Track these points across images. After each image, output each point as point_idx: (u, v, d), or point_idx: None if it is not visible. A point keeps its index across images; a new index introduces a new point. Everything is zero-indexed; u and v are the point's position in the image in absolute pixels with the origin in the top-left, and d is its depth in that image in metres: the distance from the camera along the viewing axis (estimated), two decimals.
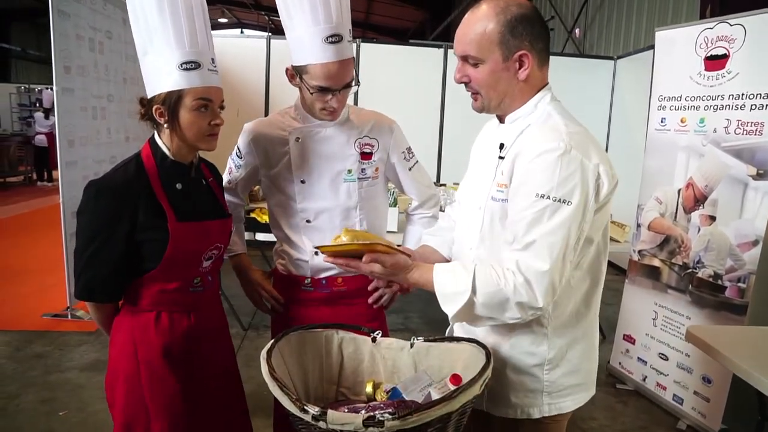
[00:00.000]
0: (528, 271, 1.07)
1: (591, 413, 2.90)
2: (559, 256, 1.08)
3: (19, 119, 13.78)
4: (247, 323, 4.00)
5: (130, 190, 1.34)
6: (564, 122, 1.16)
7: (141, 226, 1.34)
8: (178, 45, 1.32)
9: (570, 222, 1.08)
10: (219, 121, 1.39)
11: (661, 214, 3.05)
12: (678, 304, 2.91)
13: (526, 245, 1.09)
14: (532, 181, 1.10)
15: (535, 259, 1.08)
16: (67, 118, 3.84)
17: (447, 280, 1.14)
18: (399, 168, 1.72)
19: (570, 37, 8.84)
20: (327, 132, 1.62)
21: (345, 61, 1.48)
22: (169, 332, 1.42)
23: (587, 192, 1.09)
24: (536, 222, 1.08)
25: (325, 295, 1.68)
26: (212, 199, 1.53)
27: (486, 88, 1.19)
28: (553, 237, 1.08)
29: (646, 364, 3.09)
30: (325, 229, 1.65)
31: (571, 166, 1.08)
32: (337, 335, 1.32)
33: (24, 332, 3.72)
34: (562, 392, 1.25)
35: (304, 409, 0.97)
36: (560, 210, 1.07)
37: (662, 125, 3.06)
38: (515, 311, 1.09)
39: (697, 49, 2.79)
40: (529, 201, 1.09)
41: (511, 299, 1.08)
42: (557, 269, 1.08)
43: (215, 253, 1.48)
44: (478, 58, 1.16)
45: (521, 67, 1.16)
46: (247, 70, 5.45)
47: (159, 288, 1.40)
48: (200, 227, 1.41)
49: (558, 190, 1.07)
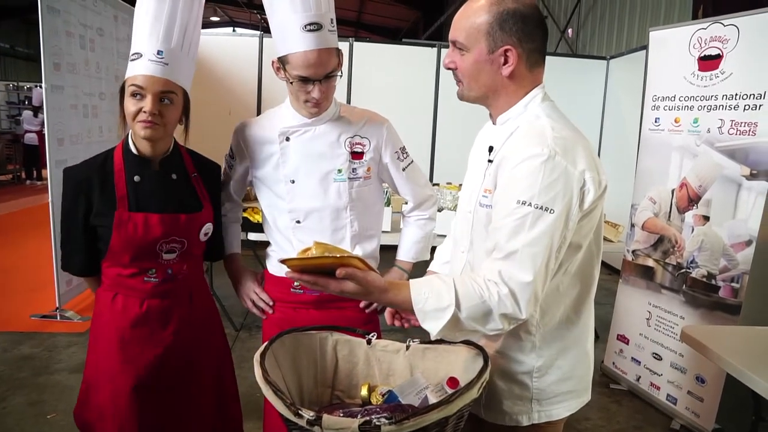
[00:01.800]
0: (511, 282, 1.04)
1: (585, 414, 2.89)
2: (542, 266, 1.05)
3: (7, 117, 13.63)
4: (240, 324, 3.97)
5: (90, 177, 1.48)
6: (551, 125, 1.12)
7: (96, 212, 1.48)
8: (134, 38, 1.46)
9: (552, 230, 1.05)
10: (148, 108, 1.42)
11: (654, 213, 3.05)
12: (672, 304, 2.91)
13: (508, 254, 1.06)
14: (515, 187, 1.07)
15: (519, 269, 1.05)
16: (57, 116, 3.79)
17: (426, 297, 1.08)
18: (392, 168, 1.69)
19: (563, 37, 8.86)
20: (316, 130, 1.59)
21: (325, 50, 1.45)
22: (121, 314, 1.54)
23: (570, 199, 1.06)
24: (518, 230, 1.05)
25: (315, 299, 1.65)
26: (180, 193, 1.56)
27: (468, 77, 1.18)
28: (535, 247, 1.05)
29: (640, 364, 3.09)
30: (315, 230, 1.62)
31: (555, 172, 1.05)
32: (332, 337, 1.30)
33: (12, 333, 3.67)
34: (553, 399, 1.22)
35: (298, 414, 0.94)
36: (542, 218, 1.04)
37: (656, 125, 3.06)
38: (498, 322, 1.06)
39: (691, 49, 2.79)
40: (510, 208, 1.07)
41: (495, 311, 1.05)
42: (540, 279, 1.05)
43: (177, 247, 1.52)
44: (465, 45, 1.16)
45: (505, 62, 1.14)
46: (239, 68, 5.41)
47: (117, 272, 1.53)
48: (152, 219, 1.48)
49: (540, 197, 1.04)
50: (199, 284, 1.68)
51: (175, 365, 1.58)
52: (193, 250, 1.58)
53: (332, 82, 1.52)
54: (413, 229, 1.79)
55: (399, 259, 1.78)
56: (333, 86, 1.53)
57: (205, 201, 1.60)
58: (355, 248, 1.65)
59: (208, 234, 1.61)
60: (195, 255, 1.61)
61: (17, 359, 3.31)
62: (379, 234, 1.75)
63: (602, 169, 1.13)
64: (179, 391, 1.59)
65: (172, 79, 1.46)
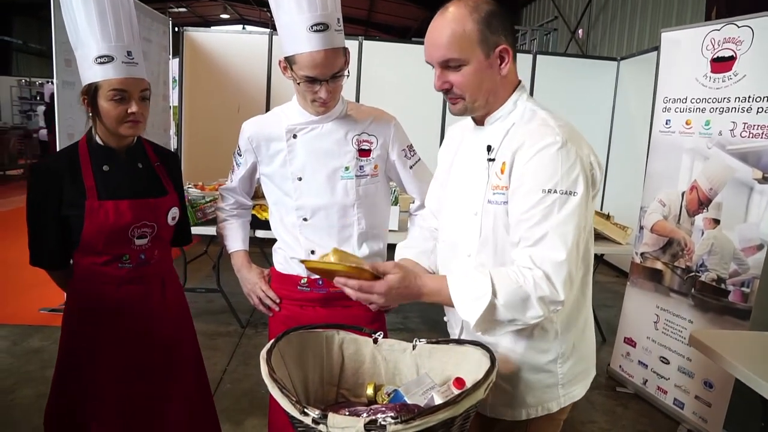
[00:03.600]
0: (544, 264, 1.06)
1: (590, 416, 2.88)
2: (574, 244, 1.07)
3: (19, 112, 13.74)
4: (246, 321, 3.98)
5: (57, 171, 1.52)
6: (551, 116, 1.17)
7: (66, 203, 1.52)
8: (94, 39, 1.45)
9: (579, 211, 1.08)
10: (134, 110, 1.49)
11: (664, 216, 3.03)
12: (680, 307, 2.88)
13: (538, 240, 1.08)
14: (535, 178, 1.09)
15: (551, 250, 1.06)
16: (68, 111, 3.81)
17: (464, 285, 1.10)
18: (399, 166, 1.69)
19: (573, 38, 8.81)
20: (323, 128, 1.59)
21: (332, 50, 1.44)
22: (96, 302, 1.59)
23: (588, 180, 1.10)
24: (547, 217, 1.07)
25: (322, 296, 1.66)
26: (147, 181, 1.63)
27: (471, 90, 1.17)
28: (564, 227, 1.07)
29: (647, 368, 3.07)
30: (322, 228, 1.62)
31: (570, 157, 1.09)
32: (338, 336, 1.29)
33: (22, 326, 3.70)
34: (574, 381, 1.27)
35: (304, 412, 0.94)
36: (569, 201, 1.07)
37: (667, 127, 3.04)
38: (537, 308, 1.06)
39: (704, 50, 2.76)
40: (535, 198, 1.08)
41: (533, 295, 1.05)
42: (573, 258, 1.07)
43: (148, 232, 1.59)
44: (462, 60, 1.14)
45: (502, 62, 1.16)
46: (248, 66, 5.42)
47: (90, 260, 1.58)
48: (122, 205, 1.54)
49: (563, 182, 1.08)
50: (170, 271, 1.76)
51: (151, 353, 1.65)
52: (163, 234, 1.66)
53: (339, 82, 1.52)
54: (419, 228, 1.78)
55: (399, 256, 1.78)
56: (340, 86, 1.53)
57: (169, 187, 1.68)
58: (362, 246, 1.65)
59: (176, 218, 1.68)
60: (164, 240, 1.69)
61: (26, 352, 3.33)
62: (386, 233, 1.75)
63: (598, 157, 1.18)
64: (156, 380, 1.66)
65: (145, 77, 1.54)
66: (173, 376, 1.71)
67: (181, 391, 1.72)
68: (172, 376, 1.70)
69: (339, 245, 1.63)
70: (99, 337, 1.60)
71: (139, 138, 1.66)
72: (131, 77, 1.48)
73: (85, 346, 1.61)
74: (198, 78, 5.40)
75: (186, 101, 5.42)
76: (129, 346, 1.62)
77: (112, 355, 1.60)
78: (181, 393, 1.72)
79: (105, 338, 1.60)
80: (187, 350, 1.79)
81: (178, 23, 5.77)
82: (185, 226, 1.81)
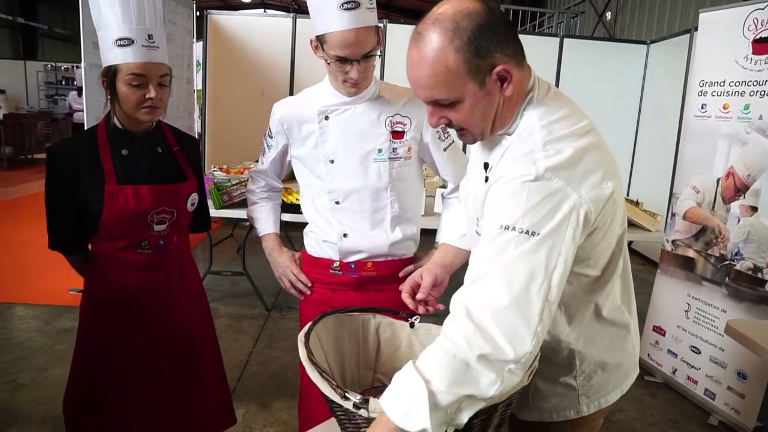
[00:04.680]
0: (478, 311, 0.87)
1: (619, 405, 2.80)
2: (524, 288, 0.87)
3: (45, 97, 13.94)
4: (271, 304, 4.01)
5: (75, 155, 1.50)
6: (543, 141, 0.96)
7: (84, 188, 1.49)
8: (115, 21, 1.42)
9: (534, 254, 0.89)
10: (152, 95, 1.45)
11: (697, 203, 2.95)
12: (713, 296, 2.82)
13: (476, 279, 0.91)
14: (496, 211, 0.95)
15: (488, 293, 0.88)
16: (96, 94, 3.83)
17: (393, 399, 0.88)
18: (433, 148, 1.65)
19: (600, 21, 8.61)
20: (356, 109, 1.56)
21: (364, 29, 1.40)
22: (117, 288, 1.57)
23: (562, 219, 0.91)
24: (495, 256, 0.91)
25: (354, 280, 1.64)
26: (166, 165, 1.60)
27: (472, 123, 1.01)
28: (512, 268, 0.89)
29: (677, 357, 3.02)
30: (355, 211, 1.60)
31: (542, 192, 0.91)
32: (374, 319, 1.28)
33: (52, 306, 3.77)
34: (603, 390, 1.18)
35: (345, 396, 0.93)
36: (526, 243, 0.89)
37: (702, 111, 2.95)
38: (486, 372, 0.86)
39: (745, 31, 2.66)
40: (491, 234, 0.93)
41: (471, 359, 0.85)
42: (522, 305, 0.87)
43: (167, 218, 1.57)
44: (452, 99, 0.98)
45: (503, 82, 0.97)
46: (272, 49, 5.39)
47: (109, 245, 1.56)
48: (142, 190, 1.51)
49: (524, 220, 0.90)
50: (188, 257, 1.75)
51: (168, 339, 1.64)
52: (182, 221, 1.64)
53: (371, 62, 1.48)
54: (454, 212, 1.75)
55: (439, 241, 1.76)
56: (372, 65, 1.50)
57: (189, 172, 1.66)
58: (395, 230, 1.63)
59: (195, 204, 1.67)
60: (183, 226, 1.67)
61: (57, 332, 3.40)
62: (420, 216, 1.73)
63: (610, 170, 0.98)
64: (172, 366, 1.66)
65: (166, 62, 1.50)
66: (190, 363, 1.70)
67: (197, 377, 1.72)
68: (188, 363, 1.70)
69: (371, 229, 1.61)
70: (117, 323, 1.59)
71: (159, 122, 1.63)
72: (151, 62, 1.44)
73: (104, 332, 1.60)
74: (222, 61, 5.39)
75: (210, 84, 5.42)
76: (146, 331, 1.61)
77: (130, 341, 1.60)
78: (197, 379, 1.72)
79: (123, 324, 1.59)
80: (204, 336, 1.78)
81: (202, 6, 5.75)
82: (204, 211, 1.80)
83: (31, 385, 2.78)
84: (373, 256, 1.62)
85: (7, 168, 9.79)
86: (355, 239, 1.61)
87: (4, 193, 7.79)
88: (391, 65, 5.24)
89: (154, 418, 1.64)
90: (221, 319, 3.71)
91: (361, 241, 1.61)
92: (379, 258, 1.63)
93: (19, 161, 10.53)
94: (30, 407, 2.58)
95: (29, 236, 5.46)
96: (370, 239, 1.61)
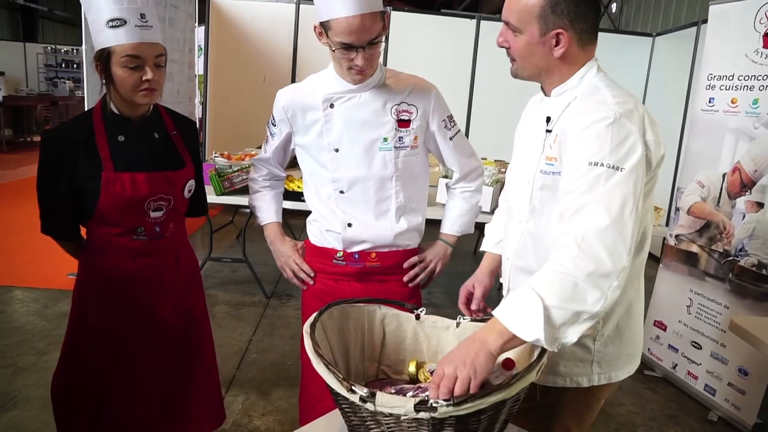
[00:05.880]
0: (583, 235, 1.00)
1: (618, 399, 2.84)
2: (619, 212, 1.01)
3: (45, 80, 13.82)
4: (270, 291, 4.00)
5: (70, 140, 1.46)
6: (612, 93, 1.14)
7: (80, 174, 1.46)
8: (105, 1, 1.36)
9: (626, 186, 1.04)
10: (149, 77, 1.40)
11: (702, 198, 2.93)
12: (716, 292, 2.81)
13: (578, 209, 1.04)
14: (584, 150, 1.08)
15: (591, 218, 1.02)
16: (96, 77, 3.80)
17: (511, 310, 1.00)
18: (439, 137, 1.62)
19: (605, 12, 8.53)
20: (361, 97, 1.53)
21: (369, 14, 1.36)
22: (111, 273, 1.55)
23: (639, 159, 1.06)
24: (590, 189, 1.04)
25: (357, 270, 1.62)
26: (163, 152, 1.57)
27: (520, 58, 1.20)
28: (608, 197, 1.03)
29: (677, 352, 3.01)
30: (359, 201, 1.58)
31: (621, 132, 1.06)
32: (380, 311, 1.26)
33: (51, 290, 3.76)
34: (614, 363, 1.25)
35: (351, 390, 0.92)
36: (615, 176, 1.04)
37: (710, 105, 2.92)
38: (591, 290, 0.98)
39: (756, 24, 2.63)
40: (581, 171, 1.07)
41: (579, 277, 0.98)
42: (620, 224, 1.01)
43: (164, 204, 1.54)
44: (517, 28, 1.17)
45: (557, 44, 1.15)
46: (275, 35, 5.34)
47: (104, 231, 1.53)
48: (139, 177, 1.48)
49: (610, 156, 1.05)
50: (185, 244, 1.72)
51: (161, 326, 1.62)
52: (179, 207, 1.61)
53: (377, 48, 1.44)
54: (459, 202, 1.74)
55: (443, 232, 1.74)
56: (378, 52, 1.46)
57: (187, 158, 1.62)
58: (400, 220, 1.61)
59: (192, 190, 1.64)
60: (180, 212, 1.64)
61: (57, 316, 3.39)
62: (425, 207, 1.70)
63: (662, 137, 1.13)
64: (164, 353, 1.64)
65: (160, 41, 1.45)
66: (182, 350, 1.69)
67: (188, 365, 1.71)
68: (181, 350, 1.68)
69: (376, 219, 1.59)
70: (109, 308, 1.57)
71: (156, 105, 1.59)
72: (145, 42, 1.39)
73: (96, 316, 1.58)
74: (224, 46, 5.34)
75: (211, 70, 5.37)
76: (140, 317, 1.59)
77: (123, 327, 1.58)
78: (189, 367, 1.71)
79: (117, 308, 1.57)
80: (198, 324, 1.76)
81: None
82: (201, 197, 1.77)
83: (31, 368, 2.77)
84: (377, 247, 1.60)
85: (7, 151, 9.73)
86: (359, 229, 1.59)
87: (3, 176, 7.75)
88: (394, 54, 5.20)
89: (143, 402, 1.62)
90: (221, 306, 3.70)
91: (365, 231, 1.59)
92: (383, 248, 1.61)
93: (18, 144, 10.46)
94: (30, 390, 2.57)
95: (28, 220, 5.42)
96: (374, 229, 1.59)
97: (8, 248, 4.63)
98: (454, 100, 5.40)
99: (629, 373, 1.29)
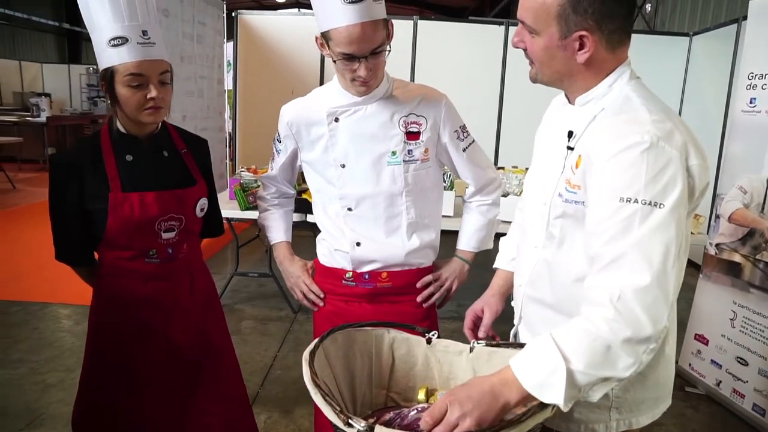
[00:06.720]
0: (620, 294, 0.87)
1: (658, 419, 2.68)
2: (662, 265, 0.88)
3: (87, 99, 14.33)
4: (297, 306, 3.97)
5: (77, 163, 1.44)
6: (647, 109, 0.98)
7: (89, 196, 1.44)
8: (106, 20, 1.34)
9: (667, 227, 0.89)
10: (154, 95, 1.38)
11: (744, 204, 2.76)
12: (762, 305, 2.63)
13: (613, 260, 0.90)
14: (614, 183, 0.93)
15: (630, 273, 0.88)
16: None
17: (530, 366, 0.91)
18: (451, 149, 1.55)
19: (640, 13, 8.29)
20: (367, 110, 1.47)
21: (370, 23, 1.30)
22: (123, 299, 1.52)
23: (683, 190, 0.91)
24: (624, 232, 0.90)
25: (368, 291, 1.56)
26: (173, 170, 1.54)
27: (539, 62, 1.06)
28: (648, 243, 0.88)
29: (721, 368, 2.84)
30: (368, 218, 1.52)
31: (660, 160, 0.91)
32: (389, 334, 1.20)
33: (83, 306, 3.80)
34: (636, 409, 1.12)
35: (349, 423, 0.86)
36: (653, 214, 0.89)
37: (751, 106, 2.76)
38: (626, 356, 0.87)
39: None
40: (611, 208, 0.92)
41: (614, 343, 0.87)
42: (662, 282, 0.87)
43: (175, 225, 1.50)
44: (533, 29, 1.03)
45: (581, 48, 1.00)
46: (302, 48, 5.36)
47: (116, 255, 1.50)
48: (148, 197, 1.45)
49: (647, 191, 0.90)
50: (200, 265, 1.68)
51: (179, 349, 1.58)
52: (191, 227, 1.58)
53: (380, 58, 1.38)
54: (475, 216, 1.66)
55: (460, 248, 1.67)
56: (382, 62, 1.40)
57: (198, 176, 1.59)
58: (412, 238, 1.54)
59: (204, 209, 1.60)
60: (193, 233, 1.61)
61: None
62: (439, 223, 1.63)
63: (707, 161, 0.98)
64: (184, 376, 1.60)
65: (165, 58, 1.42)
66: (203, 373, 1.64)
67: (211, 387, 1.66)
68: (201, 373, 1.64)
69: (386, 237, 1.53)
70: (125, 332, 1.54)
71: (165, 123, 1.57)
72: (148, 59, 1.37)
73: (112, 342, 1.55)
74: (252, 61, 5.40)
75: (240, 85, 5.43)
76: (156, 341, 1.56)
77: (139, 351, 1.55)
78: (211, 389, 1.66)
79: (131, 333, 1.54)
80: (218, 345, 1.71)
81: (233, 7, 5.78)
82: (215, 215, 1.72)
83: (60, 385, 2.81)
84: (388, 266, 1.54)
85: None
86: (369, 248, 1.53)
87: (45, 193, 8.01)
88: (422, 63, 5.14)
89: (160, 427, 1.59)
90: (247, 321, 3.69)
91: (375, 250, 1.53)
92: (395, 268, 1.55)
93: None
94: (56, 408, 2.60)
95: None
96: (384, 248, 1.53)
97: (45, 263, 4.75)
98: (484, 107, 5.33)
99: (654, 418, 1.15)
